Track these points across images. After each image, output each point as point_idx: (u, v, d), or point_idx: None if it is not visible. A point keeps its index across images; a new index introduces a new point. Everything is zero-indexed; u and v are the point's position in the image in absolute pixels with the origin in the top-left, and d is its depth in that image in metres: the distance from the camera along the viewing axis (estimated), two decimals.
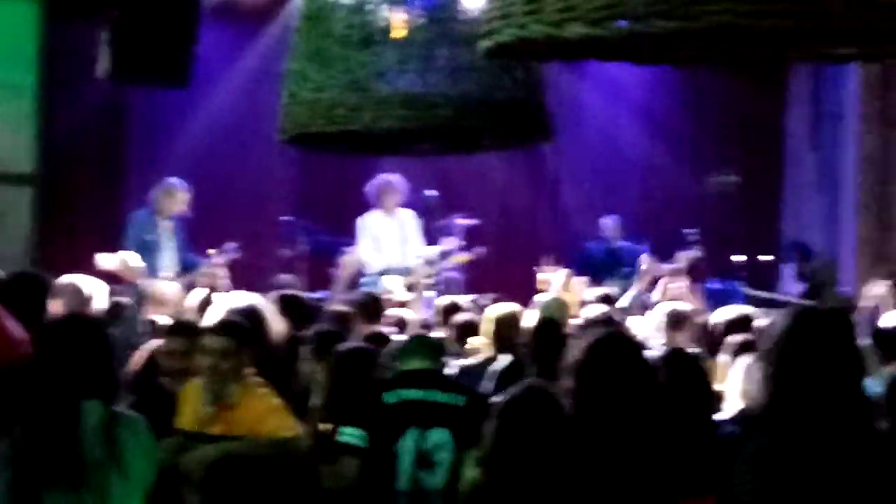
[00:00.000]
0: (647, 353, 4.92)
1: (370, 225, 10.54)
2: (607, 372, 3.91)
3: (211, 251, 7.52)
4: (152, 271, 9.07)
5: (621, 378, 3.89)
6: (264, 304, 5.67)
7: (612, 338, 4.12)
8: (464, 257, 10.62)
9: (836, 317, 3.26)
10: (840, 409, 3.05)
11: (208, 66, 10.11)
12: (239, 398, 4.79)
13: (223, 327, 4.95)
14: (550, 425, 3.92)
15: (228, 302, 5.92)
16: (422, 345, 5.05)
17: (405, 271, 10.29)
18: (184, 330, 5.34)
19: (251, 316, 5.49)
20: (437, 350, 5.10)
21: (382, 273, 10.14)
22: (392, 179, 10.58)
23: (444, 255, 10.59)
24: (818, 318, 3.23)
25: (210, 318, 5.66)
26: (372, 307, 7.16)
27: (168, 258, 9.75)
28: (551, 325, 5.78)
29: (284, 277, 9.65)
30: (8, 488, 3.90)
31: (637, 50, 4.61)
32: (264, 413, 4.78)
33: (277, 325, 5.56)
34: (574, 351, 4.05)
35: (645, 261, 8.08)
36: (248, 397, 4.81)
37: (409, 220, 10.69)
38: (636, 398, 3.90)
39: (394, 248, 10.51)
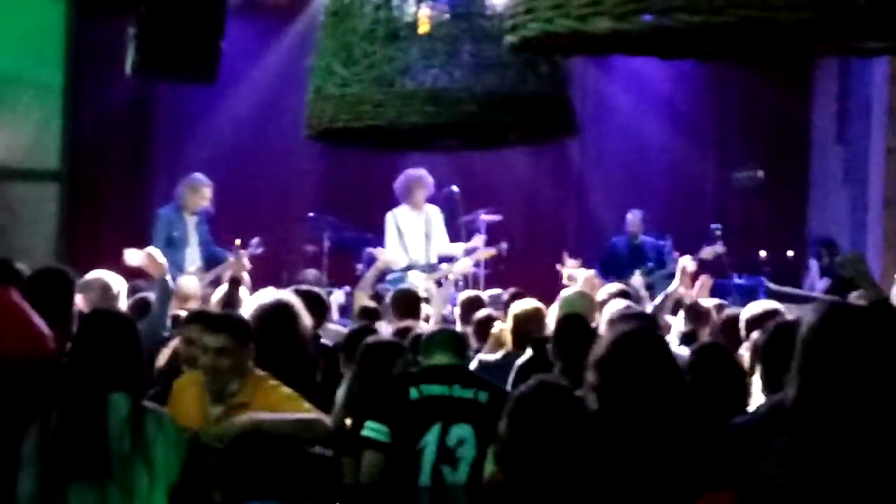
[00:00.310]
0: (676, 350, 4.95)
1: (397, 220, 10.55)
2: (631, 367, 3.92)
3: (237, 242, 7.53)
4: (179, 267, 9.14)
5: (645, 373, 3.90)
6: (295, 299, 5.67)
7: (637, 333, 4.12)
8: (488, 253, 10.63)
9: (870, 312, 3.24)
10: (871, 405, 3.03)
11: (234, 62, 10.14)
12: (249, 396, 4.66)
13: (221, 324, 4.78)
14: (563, 420, 3.92)
15: (259, 297, 5.92)
16: (446, 340, 5.03)
17: (429, 268, 10.31)
18: (200, 318, 5.35)
19: (283, 312, 5.50)
20: (461, 345, 5.09)
21: (407, 269, 10.16)
22: (421, 174, 10.60)
23: (468, 251, 10.60)
24: (850, 313, 3.20)
25: (245, 312, 5.64)
26: (406, 302, 7.19)
27: (194, 253, 9.83)
28: (575, 320, 5.76)
29: (308, 272, 9.67)
30: (36, 479, 3.95)
31: (662, 44, 4.60)
32: (278, 403, 4.67)
33: (307, 320, 5.54)
34: (599, 346, 4.06)
35: (685, 261, 8.05)
36: (258, 392, 4.68)
37: (435, 216, 10.70)
38: (660, 393, 3.90)
39: (419, 243, 10.54)
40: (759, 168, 12.15)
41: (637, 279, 9.78)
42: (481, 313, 7.14)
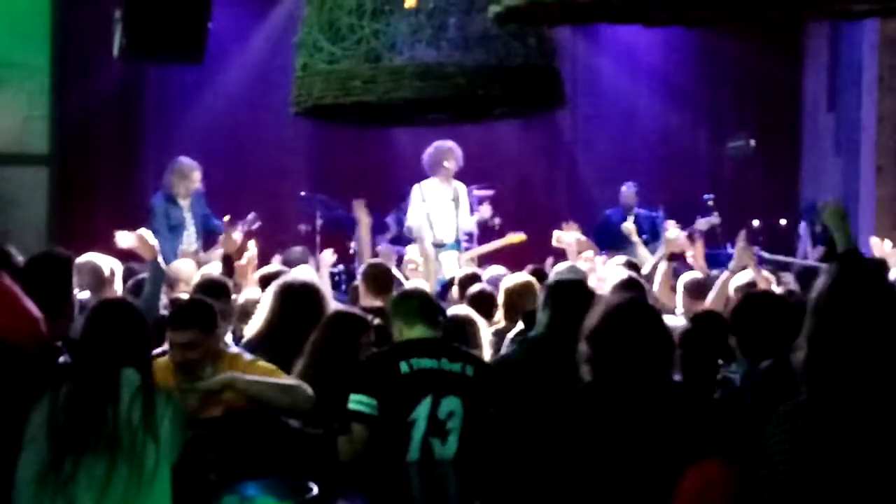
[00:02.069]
0: (670, 320, 4.95)
1: (423, 193, 10.32)
2: (624, 338, 3.91)
3: (226, 219, 7.42)
4: (179, 252, 9.18)
5: (638, 344, 3.89)
6: (318, 279, 5.68)
7: (629, 304, 4.11)
8: (518, 237, 10.46)
9: (874, 276, 3.22)
10: (880, 368, 3.01)
11: (222, 42, 10.12)
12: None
13: (184, 319, 4.73)
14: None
15: (288, 276, 5.93)
16: (426, 309, 4.97)
17: (457, 245, 10.17)
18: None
19: (308, 292, 5.49)
20: (438, 313, 5.06)
21: (436, 247, 9.87)
22: (451, 145, 10.32)
23: (481, 225, 10.48)
24: (858, 277, 3.17)
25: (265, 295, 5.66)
26: (380, 279, 7.04)
27: (191, 236, 9.84)
28: (567, 286, 5.69)
29: (294, 249, 9.64)
30: (45, 452, 3.96)
31: (648, 12, 4.58)
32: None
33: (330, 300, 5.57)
34: (591, 317, 4.05)
35: (671, 229, 8.05)
36: (236, 370, 4.65)
37: (462, 191, 10.45)
38: (653, 363, 3.90)
39: (447, 218, 10.30)
40: (751, 137, 12.12)
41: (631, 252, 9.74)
42: (475, 288, 7.13)
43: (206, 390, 4.50)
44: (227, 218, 7.42)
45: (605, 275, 7.16)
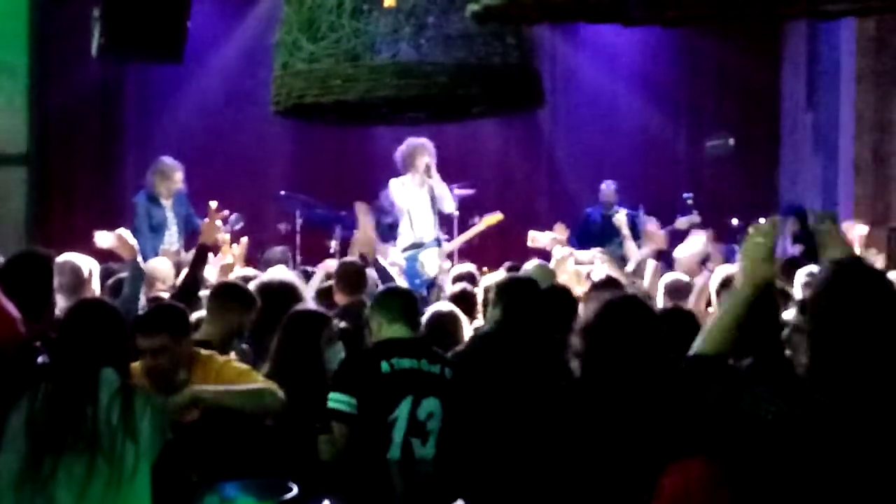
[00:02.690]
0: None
1: (400, 191, 10.13)
2: (617, 334, 3.91)
3: (211, 205, 7.03)
4: (161, 252, 9.13)
5: (631, 340, 3.88)
6: (295, 279, 5.67)
7: (623, 300, 4.11)
8: (495, 217, 10.42)
9: (872, 271, 3.19)
10: (879, 364, 2.98)
11: (201, 41, 10.08)
12: (200, 379, 4.59)
13: (153, 324, 4.65)
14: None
15: (263, 278, 5.91)
16: (407, 309, 4.96)
17: (437, 243, 10.11)
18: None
19: (286, 292, 5.48)
20: (417, 318, 5.07)
21: (416, 246, 9.88)
22: (423, 141, 10.08)
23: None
24: (858, 273, 3.13)
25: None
26: (352, 277, 6.98)
27: (173, 236, 9.81)
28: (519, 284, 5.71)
29: (275, 249, 9.61)
30: (25, 451, 3.95)
31: (626, 11, 4.59)
32: (231, 381, 4.61)
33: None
34: (585, 313, 4.06)
35: (651, 226, 8.05)
36: (210, 373, 4.63)
37: (438, 185, 10.15)
38: (646, 359, 3.89)
39: (425, 217, 10.13)
40: (730, 136, 12.16)
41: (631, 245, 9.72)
42: (456, 287, 7.13)
43: (174, 410, 4.36)
44: (213, 204, 6.94)
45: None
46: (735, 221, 11.03)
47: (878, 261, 7.68)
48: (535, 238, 8.51)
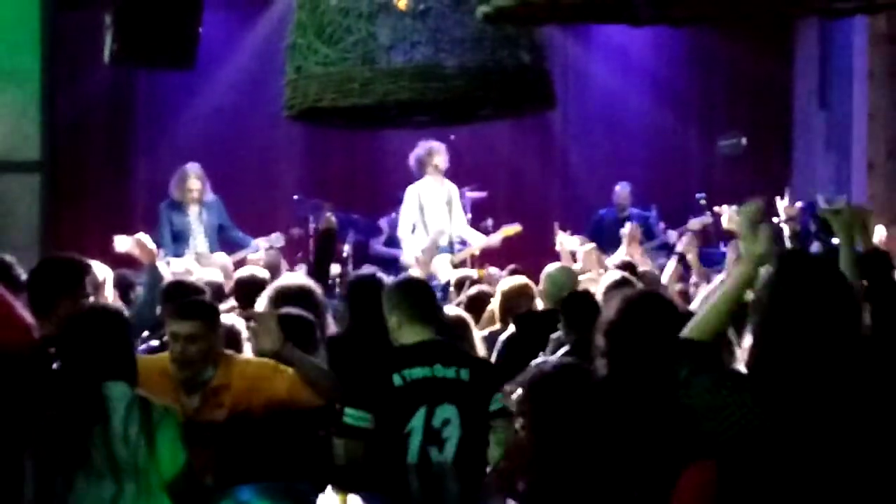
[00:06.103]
0: None
1: (420, 194, 10.21)
2: (641, 331, 3.89)
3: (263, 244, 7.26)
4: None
5: (655, 337, 3.84)
6: (312, 283, 5.68)
7: (645, 297, 4.10)
8: (514, 229, 10.43)
9: (824, 262, 3.21)
10: (833, 358, 2.98)
11: (213, 47, 10.11)
12: (226, 377, 4.61)
13: (189, 310, 4.66)
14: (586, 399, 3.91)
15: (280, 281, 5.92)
16: (429, 308, 4.84)
17: (451, 248, 10.12)
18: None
19: (306, 295, 5.48)
20: (436, 314, 4.95)
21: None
22: (436, 144, 10.24)
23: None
24: (805, 264, 3.14)
25: (260, 301, 5.62)
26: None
27: (200, 244, 9.79)
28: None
29: (269, 253, 9.61)
30: (40, 471, 3.94)
31: (634, 11, 4.58)
32: (257, 376, 4.63)
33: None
34: (607, 311, 4.04)
35: (682, 240, 8.09)
36: (234, 371, 4.64)
37: (454, 191, 10.35)
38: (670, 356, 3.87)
39: (441, 219, 10.23)
40: (743, 135, 12.13)
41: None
42: (472, 290, 7.13)
43: (262, 324, 4.53)
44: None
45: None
46: None
47: None
48: (564, 242, 8.46)
